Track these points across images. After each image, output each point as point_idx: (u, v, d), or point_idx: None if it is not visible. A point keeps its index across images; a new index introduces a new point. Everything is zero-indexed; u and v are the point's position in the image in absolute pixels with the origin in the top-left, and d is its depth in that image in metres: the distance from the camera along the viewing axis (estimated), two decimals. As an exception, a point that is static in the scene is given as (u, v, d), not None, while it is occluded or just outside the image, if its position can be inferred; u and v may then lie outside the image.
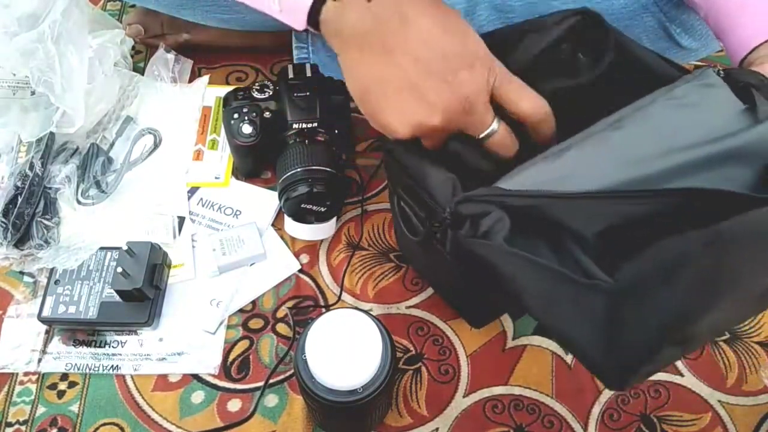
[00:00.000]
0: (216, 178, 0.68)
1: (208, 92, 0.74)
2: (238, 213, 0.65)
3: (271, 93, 0.63)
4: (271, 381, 0.56)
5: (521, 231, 0.39)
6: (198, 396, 0.56)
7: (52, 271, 0.59)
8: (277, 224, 0.65)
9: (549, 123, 0.46)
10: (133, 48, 0.76)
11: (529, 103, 0.45)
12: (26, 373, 0.57)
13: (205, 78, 0.75)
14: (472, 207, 0.40)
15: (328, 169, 0.59)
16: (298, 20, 0.44)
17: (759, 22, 0.48)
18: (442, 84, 0.42)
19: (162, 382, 0.56)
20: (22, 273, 0.62)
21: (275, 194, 0.64)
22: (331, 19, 0.43)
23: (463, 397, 0.56)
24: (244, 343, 0.58)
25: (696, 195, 0.38)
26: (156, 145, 0.69)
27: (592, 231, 0.39)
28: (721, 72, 0.44)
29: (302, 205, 0.59)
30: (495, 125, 0.44)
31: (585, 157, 0.41)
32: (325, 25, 0.43)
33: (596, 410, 0.55)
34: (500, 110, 0.45)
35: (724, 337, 0.59)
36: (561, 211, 0.39)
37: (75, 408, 0.55)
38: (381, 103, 0.44)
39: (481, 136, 0.45)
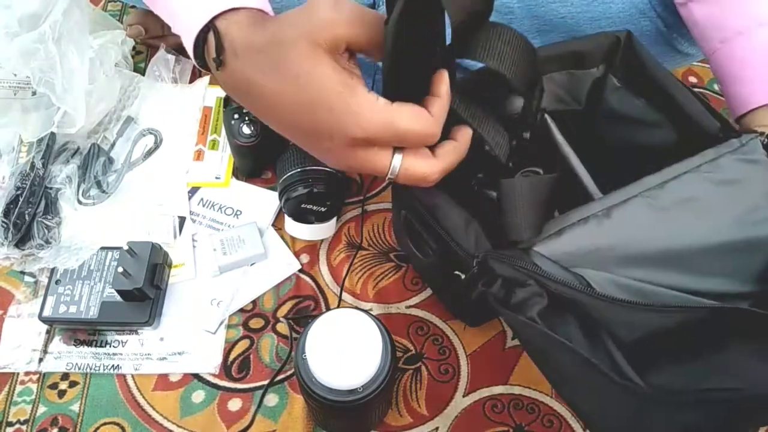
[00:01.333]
0: (216, 178, 0.68)
1: (209, 92, 0.74)
2: (238, 213, 0.66)
3: (271, 93, 0.63)
4: (274, 380, 0.56)
5: (556, 310, 0.39)
6: (198, 395, 0.56)
7: (53, 271, 0.59)
8: (277, 224, 0.65)
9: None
10: (134, 48, 0.76)
11: (413, 121, 0.37)
12: (27, 373, 0.57)
13: (206, 78, 0.75)
14: (506, 270, 0.39)
15: (328, 169, 0.59)
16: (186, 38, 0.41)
17: (759, 84, 0.48)
18: (319, 153, 0.39)
19: (162, 381, 0.57)
20: (23, 273, 0.62)
21: (275, 194, 0.64)
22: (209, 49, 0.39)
23: (463, 396, 0.56)
24: (245, 343, 0.59)
25: (733, 312, 0.38)
26: (157, 146, 0.69)
27: (629, 336, 0.39)
28: (765, 139, 0.44)
29: (302, 205, 0.59)
30: (395, 162, 0.38)
31: (626, 226, 0.41)
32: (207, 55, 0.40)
33: (595, 410, 0.55)
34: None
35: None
36: (601, 311, 0.38)
37: (76, 407, 0.55)
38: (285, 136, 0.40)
39: (388, 178, 0.39)
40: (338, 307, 0.60)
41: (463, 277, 0.44)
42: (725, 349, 0.38)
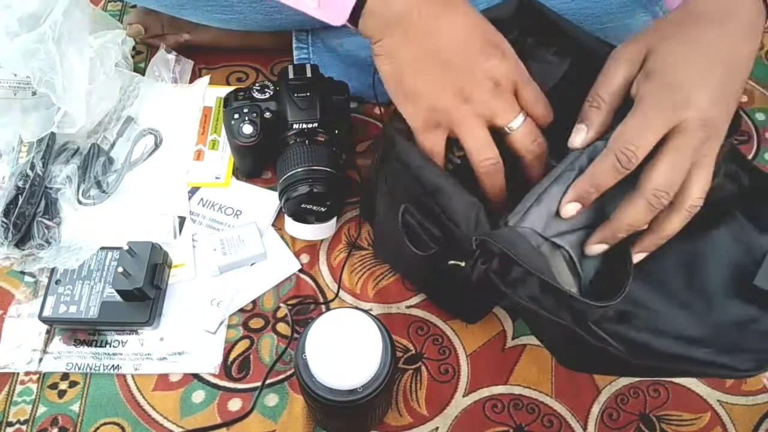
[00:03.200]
0: (216, 178, 0.68)
1: (209, 92, 0.74)
2: (238, 213, 0.66)
3: (271, 93, 0.63)
4: (271, 380, 0.56)
5: (549, 291, 0.40)
6: (198, 395, 0.56)
7: (52, 271, 0.59)
8: (277, 224, 0.65)
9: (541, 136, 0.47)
10: (134, 48, 0.76)
11: (543, 107, 0.47)
12: (27, 373, 0.57)
13: (206, 78, 0.75)
14: (497, 248, 0.41)
15: (328, 169, 0.59)
16: (338, 15, 0.45)
17: None
18: (475, 66, 0.44)
19: (163, 381, 0.57)
20: (23, 273, 0.62)
21: (275, 194, 0.64)
22: (376, 10, 0.44)
23: (463, 396, 0.56)
24: (245, 343, 0.59)
25: None
26: (157, 146, 0.69)
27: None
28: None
29: (302, 205, 0.59)
30: (522, 116, 0.46)
31: None
32: (368, 17, 0.45)
33: (595, 409, 0.55)
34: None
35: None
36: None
37: (76, 407, 0.55)
38: (413, 84, 0.45)
39: (510, 124, 0.46)
40: (338, 306, 0.60)
41: (462, 264, 0.45)
42: None
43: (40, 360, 0.57)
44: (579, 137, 0.44)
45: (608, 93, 0.44)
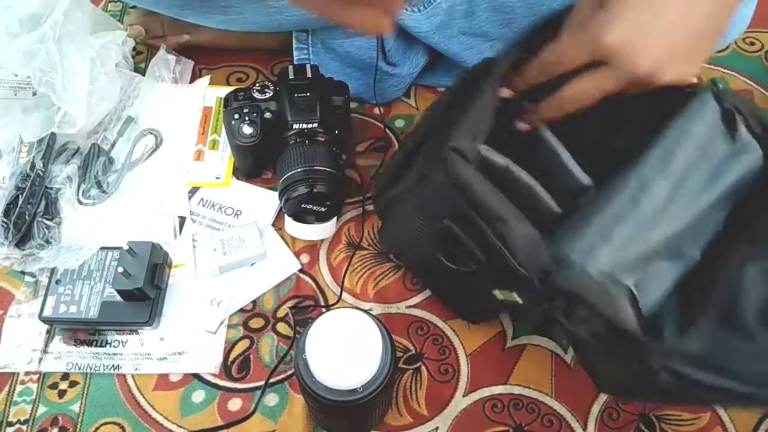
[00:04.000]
0: (216, 178, 0.68)
1: (209, 93, 0.74)
2: (238, 213, 0.66)
3: (271, 93, 0.63)
4: (271, 380, 0.56)
5: (613, 330, 0.40)
6: (199, 395, 0.56)
7: (53, 270, 0.59)
8: (277, 224, 0.65)
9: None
10: (134, 49, 0.77)
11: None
12: (27, 373, 0.57)
13: (206, 78, 0.75)
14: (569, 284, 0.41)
15: (328, 169, 0.59)
16: None
17: None
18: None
19: (163, 381, 0.57)
20: (23, 273, 0.62)
21: (275, 194, 0.64)
22: None
23: (463, 396, 0.56)
24: (245, 343, 0.59)
25: None
26: (157, 146, 0.69)
27: None
28: (715, 89, 0.47)
29: (302, 205, 0.59)
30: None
31: (650, 211, 0.43)
32: None
33: (595, 409, 0.55)
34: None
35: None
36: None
37: (76, 407, 0.55)
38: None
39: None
40: (338, 306, 0.60)
41: (519, 300, 0.45)
42: None
43: (41, 360, 0.57)
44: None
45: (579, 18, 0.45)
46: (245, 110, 0.62)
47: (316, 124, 0.61)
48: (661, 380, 0.40)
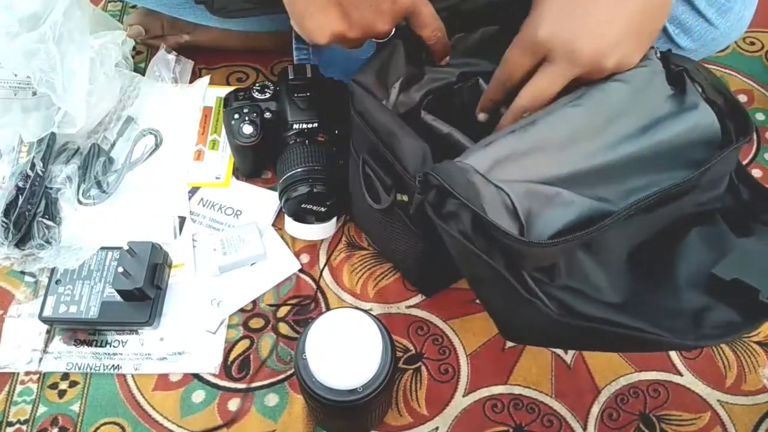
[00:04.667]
0: (216, 178, 0.68)
1: (209, 93, 0.74)
2: (238, 213, 0.66)
3: (271, 93, 0.63)
4: (271, 380, 0.56)
5: (481, 229, 0.41)
6: (198, 395, 0.56)
7: (53, 270, 0.59)
8: (277, 224, 0.65)
9: (442, 43, 0.51)
10: (134, 49, 0.77)
11: (427, 31, 0.50)
12: (27, 373, 0.57)
13: (206, 78, 0.75)
14: (436, 180, 0.42)
15: (328, 169, 0.59)
16: None
17: None
18: (366, 11, 0.46)
19: (163, 381, 0.57)
20: (23, 273, 0.62)
21: (275, 194, 0.64)
22: None
23: (463, 396, 0.56)
24: (245, 343, 0.59)
25: None
26: (157, 146, 0.69)
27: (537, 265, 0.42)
28: (658, 53, 0.48)
29: (302, 205, 0.59)
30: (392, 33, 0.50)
31: (549, 134, 0.44)
32: None
33: (595, 409, 0.55)
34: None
35: (723, 337, 0.59)
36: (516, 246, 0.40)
37: (76, 407, 0.55)
38: (307, 11, 0.47)
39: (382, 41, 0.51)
40: (338, 306, 0.60)
41: (405, 199, 0.48)
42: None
43: (41, 360, 0.57)
44: None
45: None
46: (245, 110, 0.62)
47: (316, 124, 0.61)
48: (540, 305, 0.40)
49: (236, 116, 0.62)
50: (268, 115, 0.62)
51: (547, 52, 0.44)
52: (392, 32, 0.50)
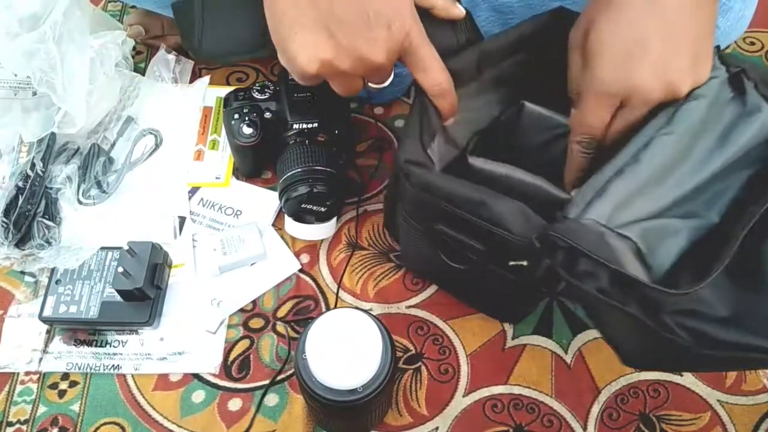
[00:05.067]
0: (216, 178, 0.68)
1: (209, 93, 0.74)
2: (238, 213, 0.66)
3: (271, 93, 0.63)
4: (275, 379, 0.56)
5: (618, 282, 0.40)
6: (198, 395, 0.56)
7: (53, 270, 0.59)
8: (277, 224, 0.65)
9: (446, 99, 0.48)
10: (134, 49, 0.77)
11: (427, 77, 0.46)
12: (27, 373, 0.57)
13: (206, 78, 0.75)
14: (564, 243, 0.40)
15: (328, 169, 0.59)
16: None
17: None
18: (355, 33, 0.42)
19: (163, 381, 0.57)
20: (23, 273, 0.62)
21: (275, 194, 0.64)
22: None
23: (463, 396, 0.56)
24: (245, 343, 0.59)
25: None
26: (157, 146, 0.69)
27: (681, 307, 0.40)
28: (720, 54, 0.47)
29: (302, 205, 0.59)
30: (390, 79, 0.47)
31: (652, 168, 0.43)
32: None
33: (595, 409, 0.55)
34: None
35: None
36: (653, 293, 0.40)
37: (76, 407, 0.55)
38: (291, 35, 0.43)
39: (382, 86, 0.47)
40: (335, 305, 0.60)
41: (524, 264, 0.45)
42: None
43: (41, 360, 0.57)
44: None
45: (576, 85, 0.46)
46: (245, 110, 0.62)
47: (315, 124, 0.61)
48: (680, 340, 0.39)
49: (236, 116, 0.62)
50: (268, 115, 0.62)
51: (624, 99, 0.43)
52: (391, 76, 0.47)
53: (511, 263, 0.46)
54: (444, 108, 0.48)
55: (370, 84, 0.47)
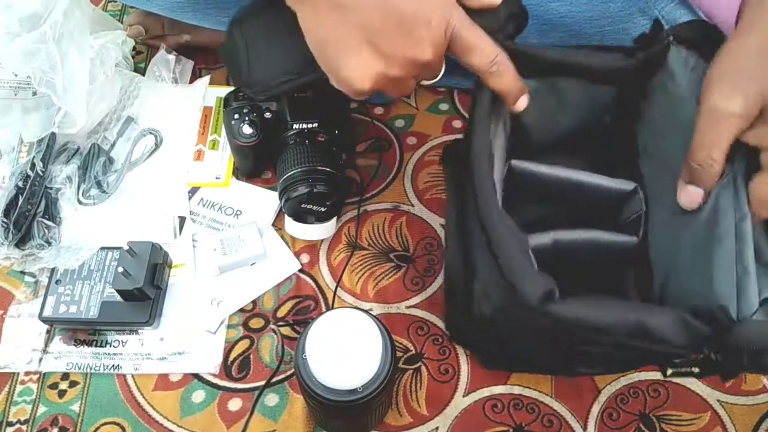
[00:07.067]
0: (216, 178, 0.68)
1: (209, 93, 0.74)
2: (238, 213, 0.66)
3: (271, 93, 0.63)
4: (271, 380, 0.56)
5: None
6: (198, 395, 0.56)
7: (53, 270, 0.59)
8: (277, 224, 0.65)
9: (506, 77, 0.45)
10: (134, 49, 0.77)
11: (478, 56, 0.44)
12: (27, 373, 0.57)
13: (206, 78, 0.75)
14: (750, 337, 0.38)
15: (328, 169, 0.59)
16: None
17: None
18: (397, 40, 0.42)
19: (163, 381, 0.57)
20: (23, 273, 0.62)
21: (275, 194, 0.64)
22: None
23: (463, 396, 0.56)
24: (245, 343, 0.59)
25: None
26: (157, 146, 0.69)
27: None
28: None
29: (302, 205, 0.59)
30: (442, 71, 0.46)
31: None
32: None
33: (595, 409, 0.55)
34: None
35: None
36: None
37: (76, 407, 0.55)
38: (339, 59, 0.44)
39: (434, 82, 0.47)
40: (332, 306, 0.60)
41: (696, 370, 0.42)
42: None
43: (40, 360, 0.57)
44: (688, 198, 0.43)
45: (720, 152, 0.41)
46: (245, 110, 0.62)
47: (315, 124, 0.61)
48: None
49: (236, 116, 0.62)
50: (268, 115, 0.62)
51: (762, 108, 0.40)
52: (443, 68, 0.46)
53: (670, 372, 0.43)
54: (506, 88, 0.45)
55: (423, 82, 0.47)
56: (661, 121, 0.48)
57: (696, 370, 0.42)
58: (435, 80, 0.47)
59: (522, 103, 0.47)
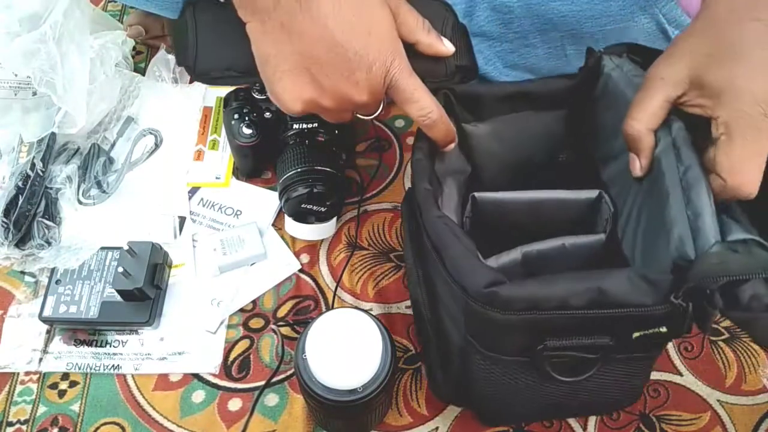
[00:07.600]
0: (217, 178, 0.68)
1: (209, 93, 0.74)
2: (238, 213, 0.66)
3: (271, 93, 0.63)
4: (271, 380, 0.56)
5: None
6: (198, 395, 0.56)
7: (53, 270, 0.59)
8: (277, 224, 0.65)
9: (438, 128, 0.46)
10: (134, 49, 0.77)
11: (414, 108, 0.45)
12: (27, 373, 0.57)
13: (206, 78, 0.75)
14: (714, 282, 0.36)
15: (328, 169, 0.59)
16: None
17: None
18: (335, 76, 0.43)
19: (163, 381, 0.57)
20: (23, 273, 0.62)
21: (275, 194, 0.64)
22: None
23: (463, 396, 0.56)
24: (245, 343, 0.59)
25: None
26: (157, 146, 0.69)
27: None
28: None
29: (302, 205, 0.59)
30: (380, 109, 0.47)
31: None
32: None
33: (595, 410, 0.55)
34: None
35: (723, 337, 0.59)
36: None
37: (76, 407, 0.55)
38: (275, 76, 0.44)
39: (371, 117, 0.47)
40: (332, 306, 0.60)
41: (664, 330, 0.40)
42: None
43: (41, 360, 0.57)
44: (635, 166, 0.44)
45: (646, 113, 0.42)
46: (245, 110, 0.62)
47: (315, 124, 0.61)
48: None
49: (236, 116, 0.62)
50: (268, 115, 0.62)
51: None
52: (380, 108, 0.47)
53: (637, 335, 0.41)
54: (439, 137, 0.47)
55: (358, 115, 0.48)
56: (610, 121, 0.49)
57: (663, 329, 0.40)
58: (373, 116, 0.48)
59: (449, 147, 0.49)
